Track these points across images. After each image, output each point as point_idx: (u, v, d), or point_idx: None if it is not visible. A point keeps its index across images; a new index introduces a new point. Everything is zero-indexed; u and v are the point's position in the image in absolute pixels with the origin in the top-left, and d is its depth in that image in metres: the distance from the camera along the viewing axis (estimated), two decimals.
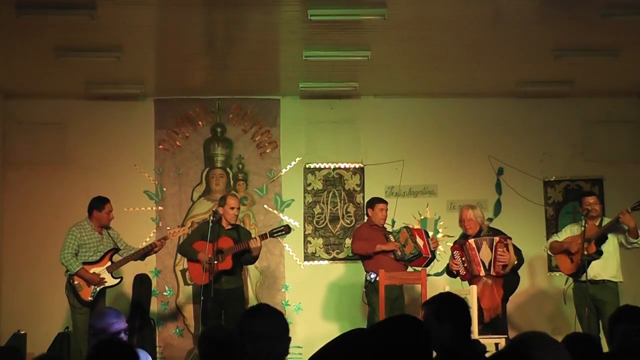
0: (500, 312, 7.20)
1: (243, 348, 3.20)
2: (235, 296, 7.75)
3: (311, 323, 9.06)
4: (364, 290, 7.94)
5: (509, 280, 7.34)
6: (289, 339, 3.31)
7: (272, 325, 3.26)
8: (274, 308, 3.39)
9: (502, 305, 7.23)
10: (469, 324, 3.84)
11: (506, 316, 7.46)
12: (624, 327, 3.60)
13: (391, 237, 7.96)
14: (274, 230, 7.79)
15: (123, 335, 4.86)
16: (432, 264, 8.18)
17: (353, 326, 7.97)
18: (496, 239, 7.24)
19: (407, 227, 8.06)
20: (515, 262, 7.33)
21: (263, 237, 7.69)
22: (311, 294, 9.22)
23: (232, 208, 7.75)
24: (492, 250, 7.22)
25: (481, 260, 7.22)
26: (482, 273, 7.21)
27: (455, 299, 3.84)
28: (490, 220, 8.92)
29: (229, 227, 7.74)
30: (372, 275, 7.75)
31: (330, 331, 9.12)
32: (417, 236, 7.87)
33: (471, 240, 7.31)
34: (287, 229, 7.83)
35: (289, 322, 3.37)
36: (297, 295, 9.24)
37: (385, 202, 8.27)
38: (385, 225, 8.26)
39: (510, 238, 7.37)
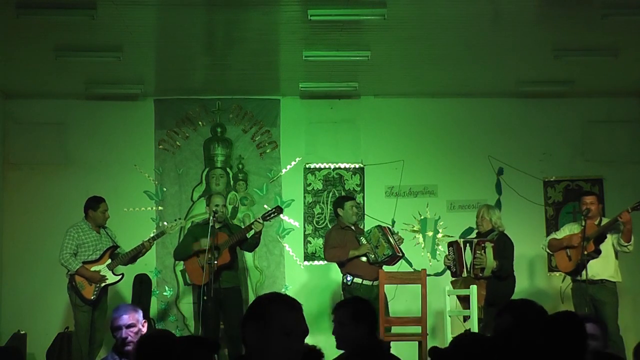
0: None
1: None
2: (233, 295, 7.77)
3: (311, 323, 9.03)
4: (342, 292, 7.85)
5: (493, 289, 7.27)
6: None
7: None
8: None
9: (484, 309, 7.12)
10: (377, 325, 4.71)
11: None
12: (507, 319, 3.60)
13: (363, 239, 7.71)
14: (266, 214, 7.80)
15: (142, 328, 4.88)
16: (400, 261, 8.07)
17: None
18: (475, 240, 7.31)
19: (378, 227, 7.80)
20: (495, 266, 7.27)
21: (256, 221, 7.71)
22: (311, 294, 9.21)
23: (217, 205, 7.76)
24: (472, 253, 7.27)
25: (465, 261, 7.30)
26: (465, 274, 7.34)
27: (368, 303, 4.53)
28: None
29: (220, 225, 7.74)
30: (349, 278, 7.70)
31: (330, 331, 9.11)
32: (389, 235, 7.67)
33: (460, 240, 7.53)
34: (278, 210, 7.86)
35: None
36: (297, 295, 9.15)
37: (354, 199, 8.23)
38: (356, 224, 8.06)
39: (491, 242, 7.33)
